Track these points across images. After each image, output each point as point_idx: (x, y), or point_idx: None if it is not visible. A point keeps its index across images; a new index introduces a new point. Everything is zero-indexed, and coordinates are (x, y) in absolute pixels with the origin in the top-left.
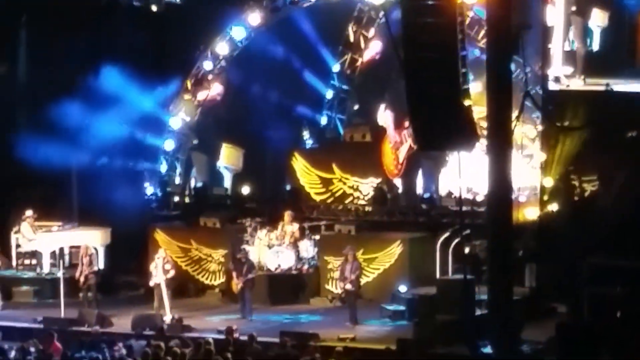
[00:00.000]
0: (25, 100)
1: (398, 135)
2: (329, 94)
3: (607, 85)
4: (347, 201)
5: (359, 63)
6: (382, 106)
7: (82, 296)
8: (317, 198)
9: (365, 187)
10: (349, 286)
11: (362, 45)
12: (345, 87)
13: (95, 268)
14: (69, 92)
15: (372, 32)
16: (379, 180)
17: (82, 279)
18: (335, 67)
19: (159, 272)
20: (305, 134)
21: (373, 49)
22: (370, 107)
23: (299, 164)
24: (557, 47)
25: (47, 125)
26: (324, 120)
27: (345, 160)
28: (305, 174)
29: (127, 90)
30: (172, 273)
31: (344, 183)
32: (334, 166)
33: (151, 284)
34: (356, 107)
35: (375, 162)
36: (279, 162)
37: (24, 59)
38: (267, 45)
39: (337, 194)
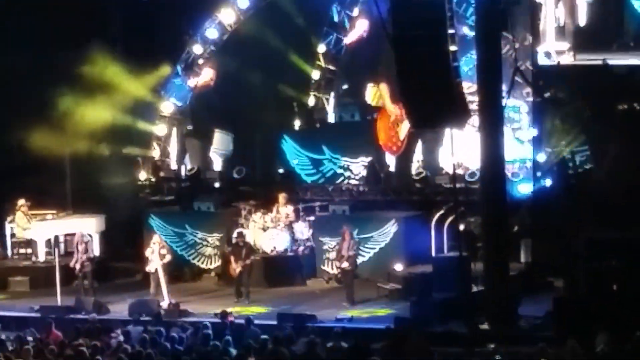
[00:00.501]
0: (14, 87)
1: (398, 109)
2: (315, 75)
3: (604, 60)
4: (338, 181)
5: (344, 43)
6: (369, 85)
7: (78, 284)
8: (308, 179)
9: (356, 166)
10: (345, 264)
11: (347, 25)
12: (331, 67)
13: (91, 255)
14: (59, 78)
15: (356, 11)
16: (370, 159)
17: (77, 267)
18: (321, 48)
19: (155, 257)
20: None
21: (360, 27)
22: (359, 86)
23: (288, 146)
24: (548, 22)
25: (38, 113)
26: (311, 101)
27: (334, 140)
28: (295, 155)
29: (118, 75)
30: (168, 258)
31: (334, 163)
32: (324, 147)
33: (148, 269)
34: (345, 86)
35: (365, 141)
36: (269, 145)
37: (11, 43)
38: (253, 28)
39: (328, 175)
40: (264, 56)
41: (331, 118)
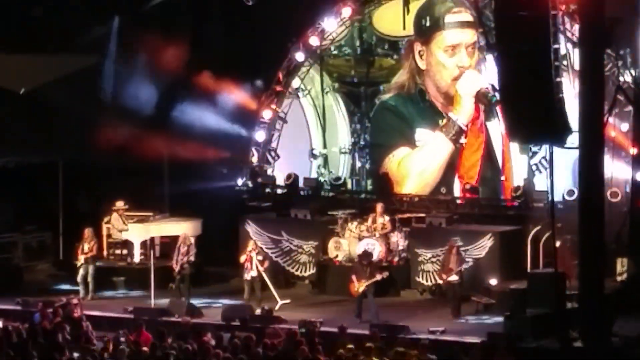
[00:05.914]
0: (113, 89)
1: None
2: None
3: None
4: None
5: None
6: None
7: (175, 286)
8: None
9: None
10: (453, 277)
11: None
12: None
13: (192, 258)
14: (158, 82)
15: None
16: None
17: (177, 268)
18: None
19: (253, 264)
20: None
21: None
22: None
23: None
24: None
25: (136, 116)
26: None
27: None
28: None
29: (218, 80)
30: (267, 263)
31: None
32: None
33: (247, 277)
34: None
35: None
36: None
37: (114, 49)
38: None
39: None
40: None
41: None
